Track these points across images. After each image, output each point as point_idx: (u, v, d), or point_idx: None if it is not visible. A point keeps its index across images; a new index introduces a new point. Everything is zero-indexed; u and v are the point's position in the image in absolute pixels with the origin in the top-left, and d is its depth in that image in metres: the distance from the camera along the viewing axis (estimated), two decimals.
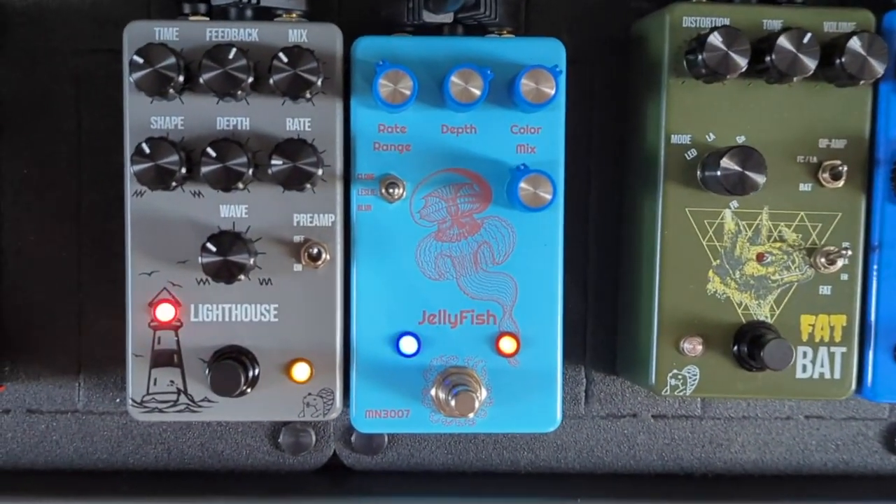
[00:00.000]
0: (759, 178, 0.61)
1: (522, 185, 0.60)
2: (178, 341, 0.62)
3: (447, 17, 0.63)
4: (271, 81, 0.59)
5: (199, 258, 0.60)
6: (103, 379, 0.71)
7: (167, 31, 0.61)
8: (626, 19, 0.69)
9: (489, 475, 0.73)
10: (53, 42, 0.69)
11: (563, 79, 0.61)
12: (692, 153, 0.63)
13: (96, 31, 0.69)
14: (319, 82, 0.60)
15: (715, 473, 0.74)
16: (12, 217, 0.70)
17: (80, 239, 0.70)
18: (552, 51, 0.62)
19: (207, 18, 0.64)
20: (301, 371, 0.62)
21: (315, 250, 0.62)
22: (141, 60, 0.59)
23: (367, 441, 0.72)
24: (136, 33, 0.61)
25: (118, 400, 0.71)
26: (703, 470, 0.74)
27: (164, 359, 0.62)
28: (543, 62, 0.61)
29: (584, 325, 0.72)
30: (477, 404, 0.60)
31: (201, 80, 0.59)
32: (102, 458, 0.72)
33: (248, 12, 0.64)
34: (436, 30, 0.65)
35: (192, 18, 0.63)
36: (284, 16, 0.64)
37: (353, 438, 0.72)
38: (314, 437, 0.72)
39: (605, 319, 0.71)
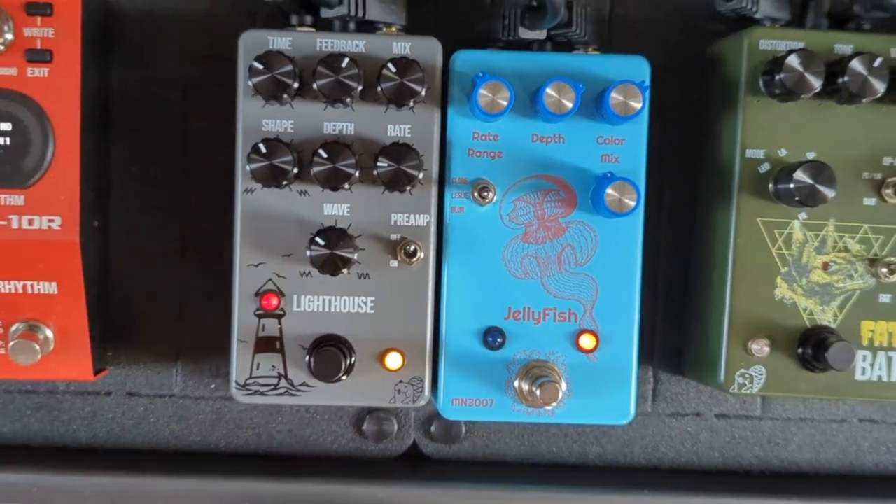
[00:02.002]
0: (830, 192, 0.65)
1: (609, 191, 0.64)
2: (280, 329, 0.65)
3: (541, 34, 0.67)
4: (379, 89, 0.64)
5: (307, 251, 0.63)
6: (199, 366, 0.74)
7: (280, 41, 0.66)
8: (701, 41, 0.72)
9: (559, 467, 0.77)
10: (164, 48, 0.72)
11: (648, 94, 0.65)
12: (765, 167, 0.67)
13: (205, 39, 0.72)
14: (424, 92, 0.64)
15: (772, 471, 0.77)
16: (120, 212, 0.73)
17: (183, 234, 0.73)
18: (637, 67, 0.67)
19: (313, 29, 0.68)
20: (394, 360, 0.65)
21: (412, 248, 0.66)
22: (261, 66, 0.63)
23: (446, 430, 0.76)
24: (251, 42, 0.65)
25: (213, 386, 0.75)
26: (760, 468, 0.77)
27: (267, 345, 0.65)
28: (629, 78, 0.65)
29: (653, 327, 0.75)
30: (560, 394, 0.64)
31: (314, 87, 0.63)
32: (196, 440, 0.76)
33: (352, 25, 0.69)
34: (525, 45, 0.69)
35: (299, 29, 0.68)
36: (385, 29, 0.69)
37: (432, 428, 0.76)
38: (396, 426, 0.76)
39: (673, 322, 0.74)
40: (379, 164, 0.64)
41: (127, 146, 0.73)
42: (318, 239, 0.63)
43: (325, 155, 0.63)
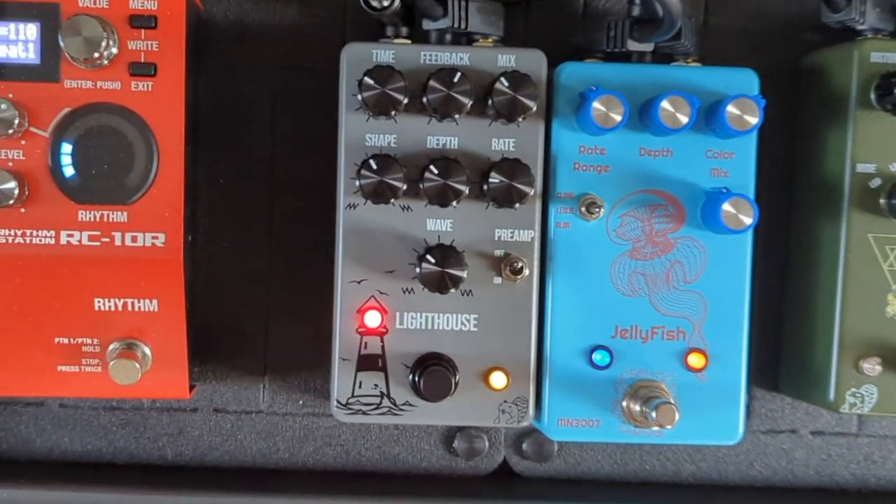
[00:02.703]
0: None
1: (725, 207, 0.63)
2: (383, 347, 0.64)
3: (649, 46, 0.66)
4: (490, 103, 0.62)
5: (418, 268, 0.62)
6: (287, 381, 0.73)
7: (384, 53, 0.64)
8: (793, 51, 0.71)
9: (652, 485, 0.76)
10: (253, 58, 0.71)
11: (762, 108, 0.64)
12: (876, 181, 0.66)
13: (293, 50, 0.71)
14: (535, 107, 0.62)
15: (869, 490, 0.76)
16: (207, 224, 0.71)
17: (271, 248, 0.71)
18: (746, 80, 0.65)
19: (409, 41, 0.67)
20: (498, 379, 0.64)
21: (518, 264, 0.64)
22: (372, 82, 0.61)
23: (539, 448, 0.75)
24: (354, 54, 0.63)
25: (300, 402, 0.73)
26: (857, 486, 0.76)
27: (370, 363, 0.64)
28: (737, 91, 0.64)
29: (748, 346, 0.74)
30: (677, 416, 0.63)
31: (425, 101, 0.62)
32: (284, 457, 0.74)
33: (448, 37, 0.67)
34: (625, 57, 0.68)
35: (396, 41, 0.66)
36: (481, 40, 0.67)
37: (524, 445, 0.75)
38: (487, 443, 0.75)
39: (768, 339, 0.73)
40: (491, 179, 0.62)
41: (213, 159, 0.71)
42: (429, 256, 0.62)
43: (435, 171, 0.62)
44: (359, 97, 0.62)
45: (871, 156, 0.66)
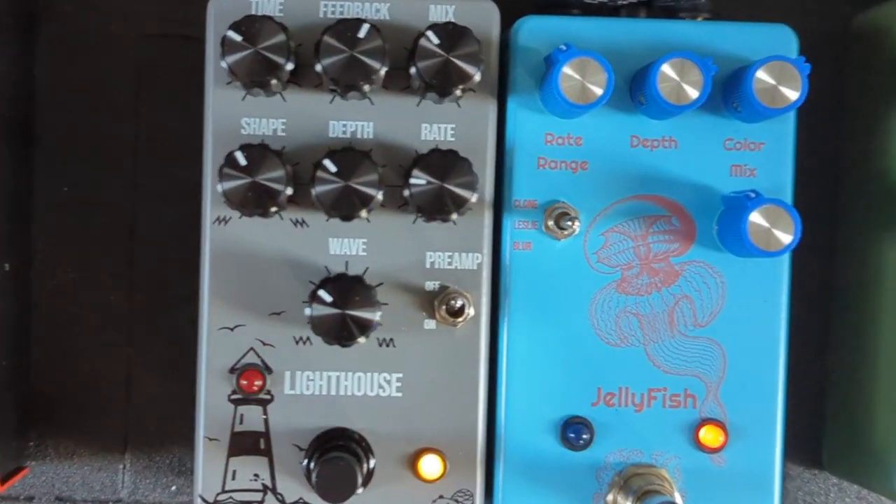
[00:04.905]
0: None
1: (753, 219, 0.47)
2: (266, 421, 0.51)
3: None
4: (413, 70, 0.46)
5: (307, 310, 0.47)
6: (155, 460, 0.60)
7: (268, 3, 0.49)
8: (844, 9, 0.58)
9: None
10: (108, 25, 0.59)
11: (807, 76, 0.47)
12: None
13: (162, 13, 0.59)
14: (478, 76, 0.47)
15: None
16: (46, 248, 0.59)
17: (133, 277, 0.59)
18: (780, 40, 0.50)
19: None
20: (431, 465, 0.51)
21: (457, 303, 0.50)
22: (238, 38, 0.46)
23: None
24: (225, 8, 0.49)
25: (173, 488, 0.60)
26: None
27: (248, 444, 0.51)
28: (767, 54, 0.47)
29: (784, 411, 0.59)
30: None
31: (318, 68, 0.46)
32: None
33: None
34: (612, 13, 0.52)
35: None
36: None
37: None
38: None
39: (806, 396, 0.60)
40: (413, 180, 0.46)
41: (54, 159, 0.60)
42: (322, 293, 0.46)
43: (332, 168, 0.46)
44: (223, 63, 0.45)
45: None
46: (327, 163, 0.46)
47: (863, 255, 0.55)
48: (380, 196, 0.46)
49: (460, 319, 0.49)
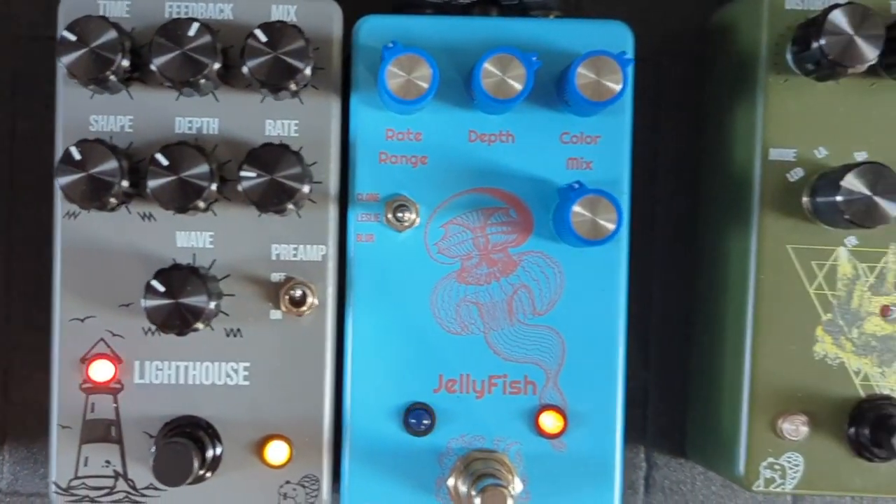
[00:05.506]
0: (893, 208, 0.46)
1: (577, 209, 0.47)
2: (117, 409, 0.51)
3: None
4: (245, 69, 0.46)
5: (142, 301, 0.47)
6: (33, 451, 0.60)
7: (115, 6, 0.50)
8: (704, 7, 0.58)
9: None
10: None
11: (631, 70, 0.47)
12: (797, 173, 0.50)
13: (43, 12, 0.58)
14: (308, 70, 0.47)
15: None
16: None
17: (10, 270, 0.59)
18: (616, 36, 0.50)
19: None
20: (277, 451, 0.51)
21: (298, 293, 0.49)
22: (73, 38, 0.46)
23: None
24: (74, 6, 0.49)
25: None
26: None
27: (99, 432, 0.51)
28: (603, 49, 0.47)
29: (644, 394, 0.60)
30: (510, 503, 0.45)
31: (153, 66, 0.46)
32: None
33: None
34: (464, 12, 0.52)
35: None
36: None
37: None
38: None
39: (671, 388, 0.60)
40: (244, 174, 0.47)
41: None
42: (155, 283, 0.47)
43: (164, 162, 0.46)
44: (59, 62, 0.45)
45: (790, 138, 0.50)
46: (159, 157, 0.46)
47: (713, 248, 0.55)
48: (213, 188, 0.46)
49: (304, 309, 0.49)
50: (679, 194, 0.58)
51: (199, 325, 0.46)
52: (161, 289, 0.46)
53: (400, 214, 0.49)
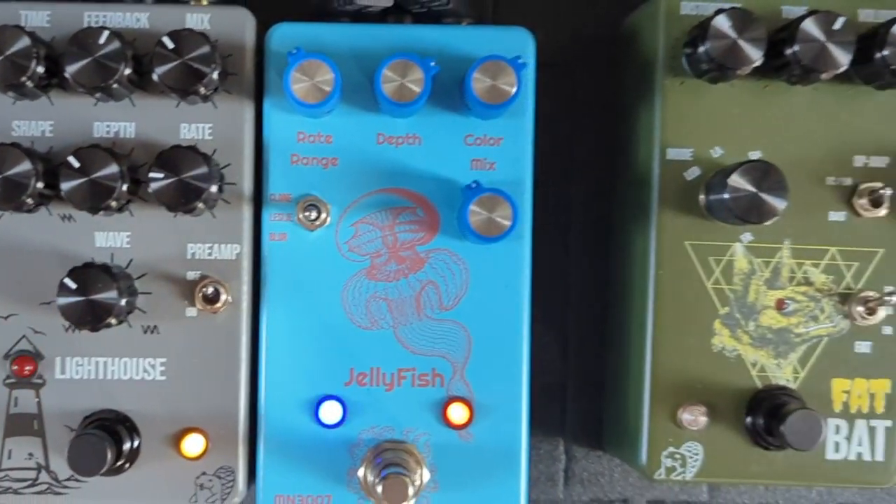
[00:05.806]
0: (779, 203, 0.48)
1: (473, 207, 0.48)
2: (39, 403, 0.52)
3: (387, 1, 0.51)
4: (155, 75, 0.47)
5: (57, 298, 0.48)
6: None
7: (36, 16, 0.51)
8: (618, 14, 0.59)
9: None
10: None
11: (528, 73, 0.50)
12: (694, 172, 0.51)
13: None
14: (215, 75, 0.49)
15: None
16: None
17: None
18: (518, 42, 0.51)
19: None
20: (193, 444, 0.52)
21: (211, 290, 0.51)
22: None
23: None
24: None
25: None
26: None
27: (22, 425, 0.52)
28: (503, 54, 0.48)
29: (562, 388, 0.61)
30: (411, 491, 0.48)
31: (67, 73, 0.47)
32: None
33: None
34: (379, 20, 0.53)
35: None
36: (193, 2, 0.52)
37: None
38: None
39: (589, 382, 0.61)
40: (152, 175, 0.48)
41: None
42: (67, 281, 0.48)
43: (76, 164, 0.48)
44: None
45: (686, 138, 0.52)
46: (71, 159, 0.47)
47: (622, 246, 0.56)
48: (124, 188, 0.48)
49: (218, 306, 0.50)
50: (595, 196, 0.60)
51: (112, 321, 0.48)
52: (73, 286, 0.47)
53: (309, 213, 0.50)
